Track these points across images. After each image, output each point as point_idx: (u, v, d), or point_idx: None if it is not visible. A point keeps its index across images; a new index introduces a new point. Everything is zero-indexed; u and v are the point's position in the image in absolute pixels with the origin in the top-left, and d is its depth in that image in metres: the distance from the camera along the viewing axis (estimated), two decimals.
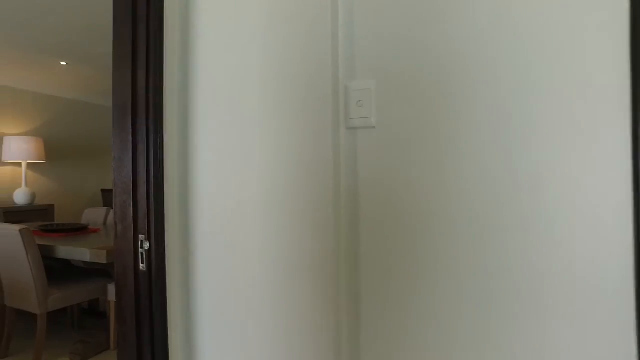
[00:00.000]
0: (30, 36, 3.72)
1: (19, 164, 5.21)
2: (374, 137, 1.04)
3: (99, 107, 6.27)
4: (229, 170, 1.13)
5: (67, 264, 3.11)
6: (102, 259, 2.37)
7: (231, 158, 1.13)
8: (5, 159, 4.88)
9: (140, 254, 1.10)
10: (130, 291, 1.10)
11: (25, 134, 5.30)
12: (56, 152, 5.67)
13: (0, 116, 5.03)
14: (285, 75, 1.08)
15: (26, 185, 5.05)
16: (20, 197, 4.89)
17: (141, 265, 1.10)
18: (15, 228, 2.48)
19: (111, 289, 2.70)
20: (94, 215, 4.11)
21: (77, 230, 3.23)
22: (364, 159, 1.05)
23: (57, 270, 3.13)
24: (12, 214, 4.64)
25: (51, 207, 5.04)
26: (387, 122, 1.03)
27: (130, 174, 1.11)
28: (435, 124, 0.98)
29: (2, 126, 5.04)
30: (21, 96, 5.25)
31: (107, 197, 6.10)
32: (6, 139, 4.89)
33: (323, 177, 1.04)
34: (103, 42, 3.78)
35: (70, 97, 5.83)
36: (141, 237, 1.10)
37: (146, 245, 1.10)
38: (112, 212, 4.00)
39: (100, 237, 3.04)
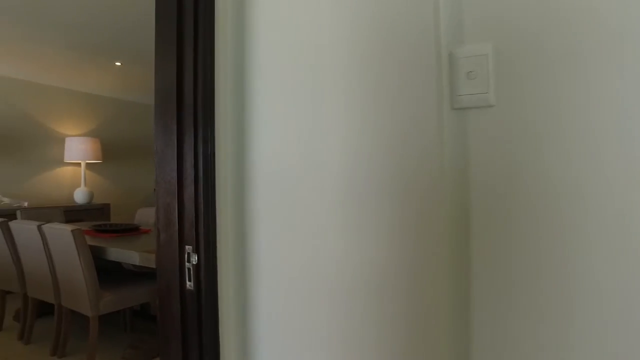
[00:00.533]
0: (86, 38, 3.74)
1: (79, 164, 5.34)
2: (493, 120, 0.76)
3: (149, 107, 6.35)
4: (303, 155, 0.89)
5: (118, 265, 3.04)
6: (151, 263, 2.24)
7: (300, 150, 0.89)
8: (66, 159, 5.01)
9: (186, 270, 0.90)
10: (174, 315, 0.90)
11: (84, 134, 5.43)
12: (112, 152, 5.78)
13: (62, 118, 5.18)
14: (368, 39, 0.82)
15: (85, 184, 5.16)
16: (79, 196, 5.00)
17: (188, 283, 0.89)
18: (67, 228, 2.42)
19: None
20: (146, 215, 4.08)
21: (129, 231, 3.17)
22: (477, 149, 0.77)
23: (108, 272, 3.08)
24: (72, 213, 4.74)
25: (107, 206, 5.12)
26: (511, 99, 0.75)
27: (175, 171, 0.90)
28: (583, 103, 0.69)
29: (63, 127, 5.19)
30: (80, 98, 5.38)
31: None
32: (67, 140, 5.01)
33: (420, 177, 0.78)
34: (152, 38, 3.72)
35: (124, 98, 5.93)
36: (188, 248, 0.90)
37: (194, 258, 0.89)
38: None
39: (150, 238, 2.95)
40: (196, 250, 0.89)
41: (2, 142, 4.64)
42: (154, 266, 2.24)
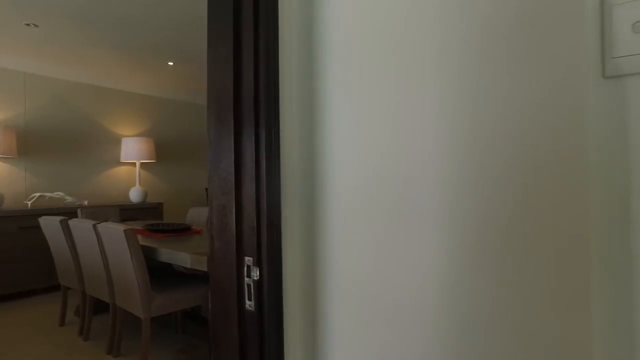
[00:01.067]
0: (139, 38, 3.76)
1: (134, 164, 5.46)
2: None
3: (204, 107, 6.41)
4: (391, 151, 0.70)
5: (169, 265, 3.00)
6: (203, 265, 2.14)
7: (393, 129, 0.70)
8: (122, 159, 5.13)
9: (246, 286, 0.74)
10: (231, 340, 0.74)
11: (139, 135, 5.55)
12: (165, 151, 5.88)
13: (119, 118, 5.31)
14: None
15: (139, 184, 5.27)
16: (134, 195, 5.10)
17: (247, 302, 0.73)
18: (120, 228, 2.37)
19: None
20: (197, 215, 4.05)
21: (181, 231, 3.12)
22: None
23: (160, 272, 3.04)
24: (127, 212, 4.83)
25: (160, 205, 5.19)
26: None
27: (232, 165, 0.74)
28: None
29: (120, 128, 5.32)
30: (134, 99, 5.50)
31: None
32: (124, 140, 5.13)
33: (558, 174, 0.57)
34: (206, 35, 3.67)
35: (176, 99, 6.01)
36: (248, 260, 0.74)
37: (255, 273, 0.73)
38: None
39: (202, 238, 2.87)
40: (257, 262, 0.73)
41: (67, 144, 4.81)
42: (205, 269, 2.14)
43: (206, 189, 6.25)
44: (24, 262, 4.05)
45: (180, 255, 2.29)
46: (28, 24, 3.49)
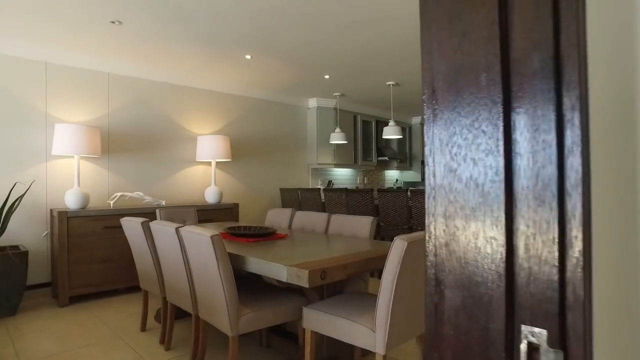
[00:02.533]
0: (218, 30, 3.56)
1: (209, 163, 5.36)
2: None
3: (279, 104, 6.20)
4: None
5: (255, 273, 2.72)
6: (303, 281, 1.81)
7: None
8: (198, 159, 5.03)
9: None
10: None
11: (214, 133, 5.44)
12: (239, 150, 5.74)
13: (195, 117, 5.23)
14: None
15: (215, 183, 5.14)
16: (210, 195, 4.97)
17: None
18: (206, 234, 2.12)
19: (307, 313, 2.15)
20: (277, 217, 3.78)
21: (265, 236, 2.84)
22: None
23: (245, 281, 2.78)
24: (203, 212, 4.71)
25: (236, 205, 5.03)
26: None
27: (501, 158, 0.36)
28: None
29: (196, 126, 5.24)
30: (210, 96, 5.40)
31: (285, 196, 5.96)
32: (199, 139, 5.03)
33: None
34: (287, 26, 3.38)
35: (252, 96, 5.85)
36: (526, 330, 0.35)
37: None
38: (297, 215, 3.60)
39: (288, 245, 2.57)
40: (557, 341, 0.34)
41: (146, 143, 4.79)
42: (306, 285, 1.80)
43: (281, 190, 6.02)
44: (107, 262, 4.03)
45: (273, 267, 1.98)
46: (113, 22, 3.41)
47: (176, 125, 5.06)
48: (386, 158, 7.57)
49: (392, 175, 8.53)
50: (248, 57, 4.35)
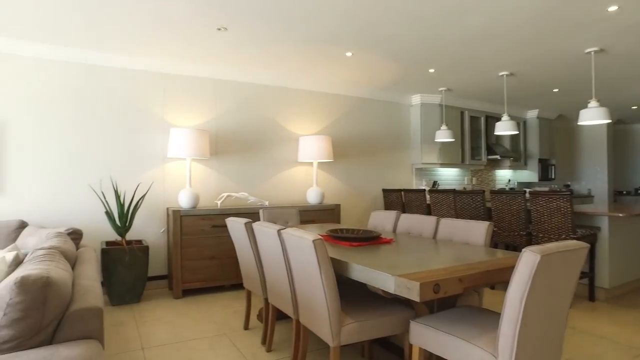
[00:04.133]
0: (318, 27, 3.48)
1: (311, 164, 5.35)
2: None
3: (380, 102, 5.99)
4: None
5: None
6: (413, 294, 1.59)
7: None
8: (300, 159, 5.05)
9: None
10: None
11: (316, 134, 5.43)
12: (341, 151, 5.65)
13: (296, 117, 5.27)
14: None
15: (316, 184, 5.11)
16: (311, 196, 4.95)
17: None
18: (308, 237, 2.00)
19: (415, 328, 1.92)
20: (381, 220, 3.58)
21: (369, 240, 2.66)
22: None
23: (348, 288, 2.63)
24: (305, 213, 4.70)
25: (337, 207, 4.93)
26: None
27: None
28: None
29: (297, 127, 5.27)
30: (311, 97, 5.39)
31: (388, 197, 5.73)
32: (301, 140, 5.04)
33: None
34: (389, 18, 3.15)
35: (353, 95, 5.72)
36: None
37: None
38: (402, 218, 3.36)
39: (395, 251, 2.35)
40: None
41: (249, 145, 4.94)
42: (417, 299, 1.58)
43: (383, 190, 5.79)
44: (215, 259, 4.21)
45: (380, 276, 1.79)
46: (219, 28, 3.53)
47: (278, 127, 5.14)
48: (497, 156, 6.89)
49: (504, 175, 7.76)
50: (349, 54, 4.22)
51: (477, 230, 2.70)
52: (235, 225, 3.02)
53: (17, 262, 2.07)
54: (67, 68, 4.03)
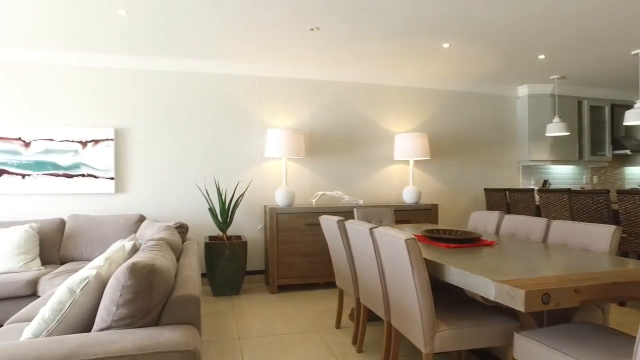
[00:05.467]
0: (413, 20, 3.33)
1: (407, 162, 5.18)
2: None
3: (481, 96, 5.57)
4: None
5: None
6: (517, 303, 1.42)
7: None
8: (396, 157, 4.91)
9: None
10: None
11: (412, 130, 5.24)
12: (438, 148, 5.37)
13: (391, 115, 5.14)
14: None
15: (413, 183, 4.93)
16: (407, 195, 4.79)
17: None
18: (400, 237, 1.91)
19: (520, 342, 1.71)
20: (482, 221, 3.31)
21: (468, 242, 2.46)
22: None
23: (443, 292, 2.47)
24: (400, 212, 4.56)
25: (435, 206, 4.70)
26: None
27: None
28: None
29: (392, 124, 5.14)
30: (406, 93, 5.22)
31: (491, 197, 5.31)
32: (397, 137, 4.91)
33: None
34: (490, 1, 2.88)
35: (450, 89, 5.41)
36: None
37: None
38: (506, 219, 3.07)
39: (497, 255, 2.13)
40: None
41: (343, 144, 4.95)
42: (521, 309, 1.40)
43: (485, 190, 5.39)
44: (309, 256, 4.28)
45: (478, 281, 1.63)
46: (312, 29, 3.57)
47: (373, 125, 5.07)
48: (627, 151, 5.97)
49: (636, 173, 6.71)
50: (446, 45, 3.99)
51: (600, 235, 2.34)
52: (329, 223, 3.02)
53: (135, 250, 2.30)
54: (177, 77, 4.44)
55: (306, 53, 4.24)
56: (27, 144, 4.05)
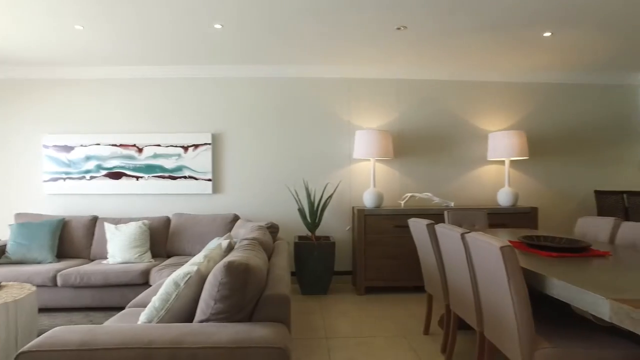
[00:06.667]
0: (508, 11, 3.10)
1: (502, 162, 4.85)
2: None
3: (589, 87, 5.00)
4: None
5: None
6: (636, 326, 1.24)
7: None
8: (490, 157, 4.62)
9: None
10: None
11: (507, 128, 4.89)
12: (539, 146, 4.93)
13: (484, 112, 4.84)
14: None
15: (508, 184, 4.59)
16: (503, 197, 4.48)
17: None
18: (495, 244, 1.79)
19: None
20: (592, 228, 2.97)
21: (576, 251, 2.22)
22: None
23: (543, 305, 2.26)
24: (495, 216, 4.27)
25: (534, 210, 4.33)
26: None
27: None
28: None
29: (486, 123, 4.84)
30: (501, 88, 4.87)
31: (604, 201, 4.73)
32: (491, 136, 4.62)
33: None
34: None
35: (552, 81, 4.93)
36: None
37: None
38: (624, 227, 2.71)
39: (611, 268, 1.89)
40: None
41: (433, 144, 4.78)
42: (634, 330, 1.23)
43: (595, 192, 4.81)
44: (396, 259, 4.21)
45: (588, 297, 1.46)
46: (398, 28, 3.51)
47: (464, 123, 4.82)
48: None
49: None
50: (547, 34, 3.65)
51: None
52: (418, 226, 2.95)
53: (230, 248, 2.45)
54: (267, 83, 4.66)
55: (392, 53, 4.18)
56: (140, 150, 4.55)
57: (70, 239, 4.16)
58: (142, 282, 3.59)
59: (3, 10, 3.10)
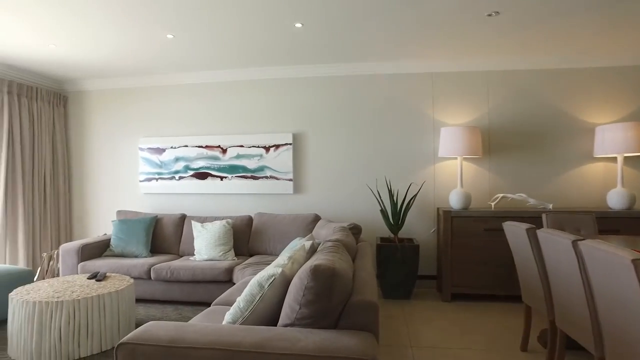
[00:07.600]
0: None
1: (613, 159, 4.27)
2: None
3: None
4: None
5: None
6: None
7: None
8: (597, 154, 4.09)
9: None
10: None
11: (620, 120, 4.29)
12: None
13: (591, 103, 4.30)
14: None
15: (622, 184, 4.01)
16: (614, 199, 3.93)
17: None
18: (623, 255, 1.51)
19: None
20: None
21: None
22: None
23: None
24: (604, 220, 3.76)
25: None
26: None
27: None
28: None
29: (593, 115, 4.29)
30: (610, 75, 4.28)
31: None
32: (598, 130, 4.08)
33: None
34: None
35: None
36: None
37: None
38: None
39: None
40: None
41: (528, 139, 4.35)
42: None
43: None
44: (486, 265, 3.89)
45: None
46: (489, 14, 3.22)
47: (565, 116, 4.32)
48: None
49: None
50: None
51: None
52: (515, 231, 2.66)
53: (313, 249, 2.39)
54: (347, 81, 4.57)
55: (482, 42, 3.85)
56: (224, 151, 4.72)
57: (162, 235, 4.43)
58: (226, 279, 3.69)
59: (107, 31, 3.36)
